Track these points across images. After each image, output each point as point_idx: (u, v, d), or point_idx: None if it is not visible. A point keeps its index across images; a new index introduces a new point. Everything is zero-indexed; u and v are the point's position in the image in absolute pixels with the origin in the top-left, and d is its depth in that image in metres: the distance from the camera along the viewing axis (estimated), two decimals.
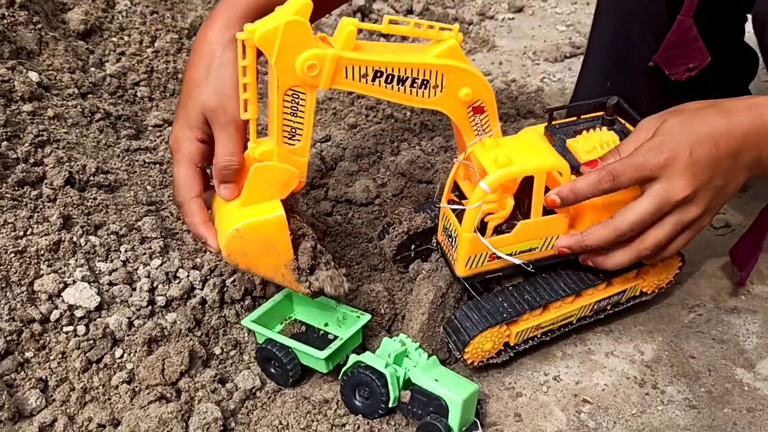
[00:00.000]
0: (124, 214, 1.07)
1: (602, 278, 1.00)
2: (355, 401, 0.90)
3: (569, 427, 0.93)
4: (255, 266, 0.88)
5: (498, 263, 0.95)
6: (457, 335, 0.95)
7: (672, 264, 1.06)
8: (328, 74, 0.82)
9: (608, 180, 0.88)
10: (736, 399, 0.97)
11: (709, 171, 0.88)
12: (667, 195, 0.88)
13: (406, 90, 0.87)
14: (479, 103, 0.90)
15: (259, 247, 0.86)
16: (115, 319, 0.94)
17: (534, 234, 0.93)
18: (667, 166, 0.87)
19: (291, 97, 0.83)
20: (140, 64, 1.42)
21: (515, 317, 0.95)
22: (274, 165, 0.86)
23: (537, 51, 1.97)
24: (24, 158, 1.04)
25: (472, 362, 0.96)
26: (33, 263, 0.94)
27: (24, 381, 0.87)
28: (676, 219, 0.91)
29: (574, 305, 1.00)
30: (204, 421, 0.86)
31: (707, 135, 0.88)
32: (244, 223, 0.85)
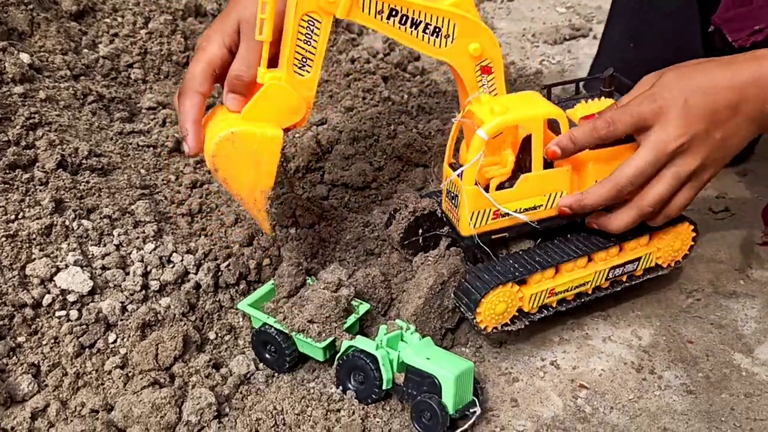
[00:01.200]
0: (118, 197, 1.06)
1: (613, 241, 0.99)
2: (350, 386, 0.90)
3: (566, 412, 0.92)
4: (233, 179, 0.86)
5: (503, 221, 0.94)
6: (468, 296, 0.94)
7: (685, 233, 1.04)
8: (345, 2, 0.83)
9: (604, 126, 0.89)
10: (734, 384, 0.97)
11: (705, 121, 0.87)
12: (663, 144, 0.88)
13: (418, 35, 0.88)
14: (487, 62, 0.91)
15: (245, 160, 0.85)
16: (108, 304, 0.93)
17: (537, 189, 0.93)
18: (662, 114, 0.87)
19: (307, 23, 0.84)
20: (134, 45, 1.40)
21: (526, 275, 0.95)
22: (288, 89, 0.85)
23: (536, 33, 1.95)
24: (15, 141, 1.03)
25: (485, 327, 0.95)
26: (25, 247, 0.92)
27: (16, 366, 0.86)
28: (673, 172, 0.90)
29: (587, 270, 0.99)
30: (198, 406, 0.85)
31: (704, 85, 0.87)
32: (242, 129, 0.84)
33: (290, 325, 0.91)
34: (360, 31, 1.76)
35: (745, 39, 1.01)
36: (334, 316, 0.91)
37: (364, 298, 0.99)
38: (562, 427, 0.90)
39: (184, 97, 0.89)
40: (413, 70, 1.64)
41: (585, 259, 0.99)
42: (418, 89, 1.55)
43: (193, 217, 1.11)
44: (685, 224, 1.04)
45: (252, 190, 0.87)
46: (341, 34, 1.69)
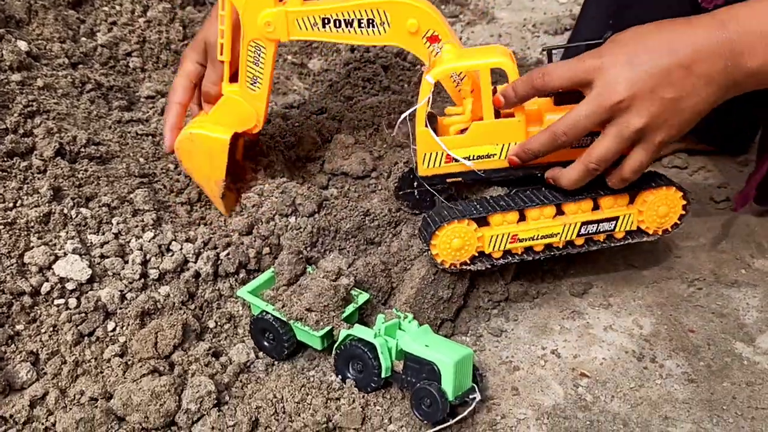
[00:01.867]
0: (116, 186, 1.05)
1: (584, 194, 0.98)
2: (348, 375, 0.89)
3: (567, 401, 0.92)
4: (194, 170, 1.05)
5: (455, 167, 0.98)
6: (426, 228, 0.98)
7: (672, 199, 1.00)
8: (282, 28, 0.98)
9: (539, 77, 0.89)
10: (736, 373, 0.96)
11: (654, 79, 0.85)
12: (600, 98, 0.86)
13: (356, 31, 0.97)
14: (431, 33, 0.96)
15: (200, 156, 1.02)
16: (107, 292, 0.92)
17: (489, 138, 0.95)
18: (603, 68, 0.86)
19: (254, 48, 1.01)
20: (132, 34, 1.39)
21: (484, 214, 0.96)
22: (241, 101, 1.05)
23: (537, 23, 1.94)
24: (13, 129, 1.02)
25: (442, 262, 0.97)
26: (23, 235, 0.92)
27: (14, 354, 0.86)
28: (616, 129, 0.88)
29: (555, 222, 0.98)
30: (198, 394, 0.85)
31: (656, 43, 0.85)
32: (197, 132, 1.02)
33: (288, 313, 0.91)
34: None
35: (709, 2, 1.03)
36: (333, 305, 0.91)
37: (364, 287, 0.99)
38: (563, 416, 0.90)
39: (167, 107, 1.10)
40: (413, 59, 1.63)
41: (553, 209, 0.98)
42: (418, 79, 1.54)
43: (192, 206, 1.11)
44: (672, 189, 0.99)
45: (208, 180, 1.04)
46: None
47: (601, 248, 1.03)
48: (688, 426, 0.89)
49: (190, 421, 0.84)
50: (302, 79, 1.52)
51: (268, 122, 1.35)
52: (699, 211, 1.27)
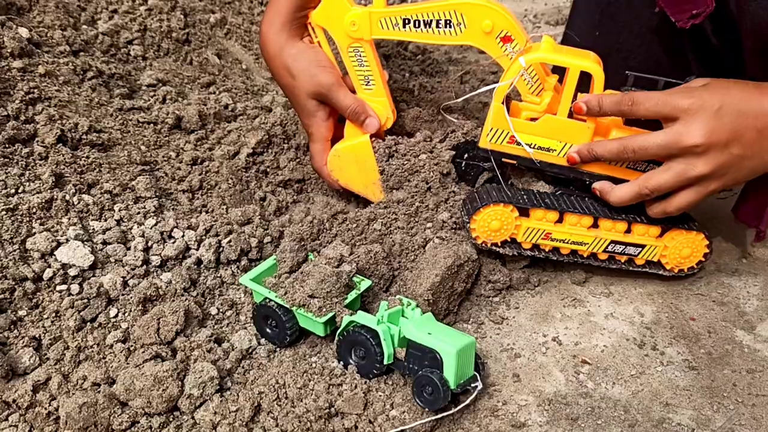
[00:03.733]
0: (118, 173, 1.05)
1: (623, 217, 1.02)
2: (351, 361, 0.90)
3: (568, 388, 0.92)
4: (351, 180, 1.12)
5: (514, 149, 1.02)
6: (471, 203, 1.03)
7: (698, 245, 1.04)
8: (365, 27, 1.03)
9: (627, 103, 0.94)
10: (736, 360, 0.97)
11: (729, 135, 0.90)
12: (679, 136, 0.91)
13: (434, 31, 1.02)
14: (505, 33, 1.00)
15: (351, 166, 1.11)
16: (110, 279, 0.93)
17: (556, 133, 1.00)
18: (690, 111, 0.91)
19: (353, 52, 1.07)
20: (133, 22, 1.38)
21: (528, 206, 1.01)
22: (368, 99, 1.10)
23: (538, 14, 1.94)
24: (15, 115, 1.02)
25: (477, 237, 1.02)
26: (25, 221, 0.92)
27: (17, 339, 0.86)
28: (681, 168, 0.93)
29: (588, 233, 1.02)
30: (200, 379, 0.85)
31: (739, 103, 0.90)
32: (340, 146, 1.11)
33: (291, 300, 0.91)
34: None
35: (685, 21, 1.07)
36: (335, 292, 0.91)
37: (365, 274, 0.99)
38: (564, 402, 0.90)
39: (320, 171, 1.16)
40: (414, 49, 1.62)
41: (590, 221, 1.02)
42: (420, 68, 1.54)
43: (194, 194, 1.11)
44: (701, 235, 1.04)
45: (366, 185, 1.12)
46: None
47: (619, 268, 1.07)
48: (688, 413, 0.89)
49: (193, 407, 0.84)
50: None
51: (270, 111, 1.35)
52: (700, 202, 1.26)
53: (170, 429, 0.83)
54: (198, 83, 1.38)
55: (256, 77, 1.51)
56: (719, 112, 0.90)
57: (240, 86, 1.43)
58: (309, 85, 1.08)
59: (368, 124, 1.09)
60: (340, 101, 1.08)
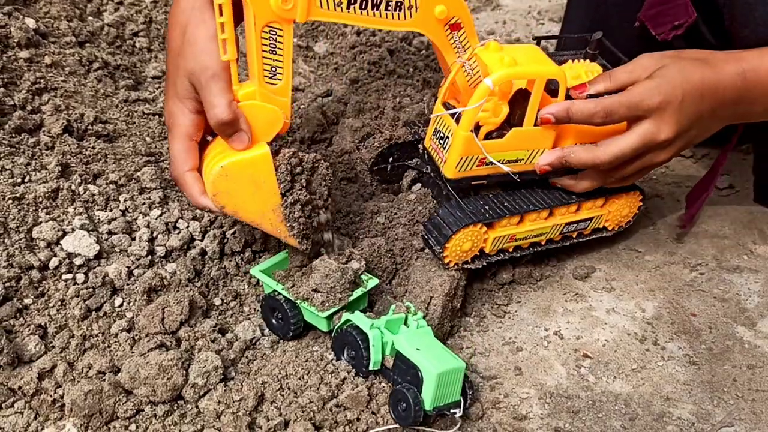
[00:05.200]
0: (123, 164, 1.06)
1: (575, 199, 1.03)
2: (343, 358, 0.90)
3: (569, 381, 0.93)
4: (242, 209, 0.86)
5: (486, 169, 0.97)
6: (438, 231, 0.97)
7: (634, 201, 1.09)
8: (303, 5, 0.82)
9: (601, 116, 0.92)
10: (737, 356, 0.97)
11: (690, 120, 0.93)
12: (652, 135, 0.93)
13: (382, 14, 0.88)
14: (455, 20, 0.93)
15: (245, 187, 0.85)
16: (115, 268, 0.93)
17: (523, 143, 0.97)
18: (660, 109, 0.91)
19: (269, 34, 0.83)
20: (139, 14, 1.39)
21: (495, 219, 0.98)
22: (258, 104, 0.85)
23: (542, 11, 1.94)
24: (21, 105, 1.03)
25: (449, 262, 0.98)
26: (31, 210, 0.92)
27: (23, 327, 0.86)
28: (648, 159, 0.96)
29: (546, 223, 1.03)
30: (204, 369, 0.86)
31: (697, 87, 0.92)
32: (229, 161, 0.84)
33: (296, 293, 0.91)
34: None
35: (668, 33, 1.09)
36: (339, 287, 0.91)
37: (369, 267, 0.99)
38: (566, 395, 0.91)
39: (180, 181, 0.88)
40: (418, 44, 1.63)
41: (547, 212, 1.02)
42: (424, 63, 1.55)
43: None
44: (636, 192, 1.09)
45: (263, 213, 0.88)
46: None
47: (570, 244, 1.09)
48: (688, 407, 0.90)
49: (197, 396, 0.85)
50: (308, 62, 1.52)
51: None
52: None
53: (174, 417, 0.83)
54: None
55: None
56: (683, 102, 0.91)
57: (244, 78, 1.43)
58: (192, 61, 0.84)
59: (234, 140, 0.84)
60: (212, 100, 0.83)
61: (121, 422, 0.82)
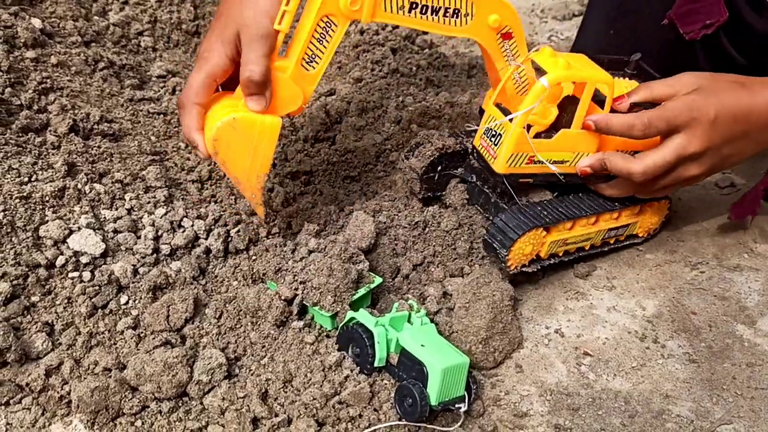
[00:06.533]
0: (129, 163, 1.07)
1: (617, 206, 1.07)
2: (347, 355, 0.90)
3: (570, 378, 0.94)
4: (232, 162, 0.91)
5: (534, 168, 1.01)
6: (503, 235, 0.99)
7: (663, 209, 1.13)
8: (369, 7, 0.88)
9: (641, 128, 0.96)
10: (736, 354, 0.98)
11: (723, 139, 0.96)
12: (683, 149, 0.96)
13: (440, 19, 0.94)
14: (507, 29, 0.98)
15: (244, 144, 0.89)
16: (120, 266, 0.94)
17: (570, 145, 1.01)
18: (692, 124, 0.95)
19: (324, 25, 0.89)
20: (144, 13, 1.40)
21: (555, 223, 1.01)
22: (289, 80, 0.90)
23: (545, 9, 1.95)
24: (28, 105, 1.04)
25: (510, 266, 1.01)
26: (38, 209, 0.94)
27: (30, 324, 0.88)
28: (679, 173, 0.99)
29: (593, 228, 1.06)
30: (209, 366, 0.87)
31: (730, 109, 0.95)
32: (244, 115, 0.88)
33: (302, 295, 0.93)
34: None
35: (697, 32, 1.09)
36: (343, 287, 0.92)
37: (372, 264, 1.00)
38: (566, 393, 0.92)
39: (184, 109, 0.92)
40: (421, 43, 1.63)
41: (594, 218, 1.06)
42: (427, 62, 1.55)
43: (203, 184, 1.12)
44: (666, 201, 1.14)
45: (249, 174, 0.92)
46: None
47: (609, 249, 1.13)
48: (688, 404, 0.91)
49: (202, 392, 0.86)
50: None
51: None
52: (703, 197, 1.28)
53: (179, 414, 0.84)
54: None
55: None
56: (715, 120, 0.95)
57: None
58: (247, 11, 0.88)
59: (254, 100, 0.88)
60: (251, 55, 0.87)
61: (126, 418, 0.84)
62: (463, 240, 1.08)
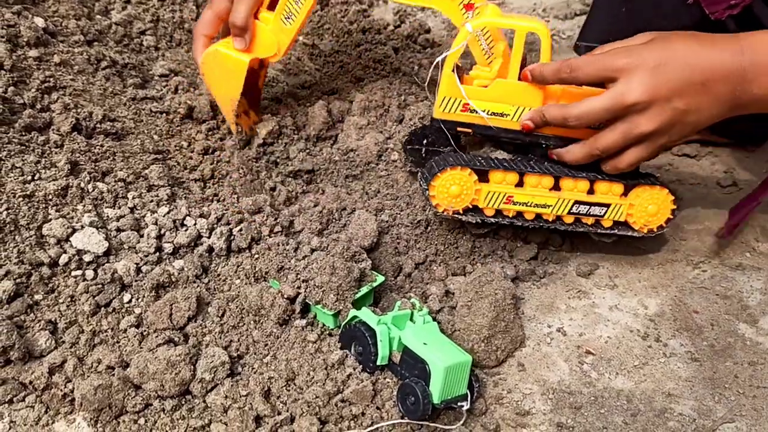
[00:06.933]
0: (131, 161, 1.07)
1: (583, 174, 1.02)
2: (349, 353, 0.91)
3: (572, 377, 0.94)
4: (213, 86, 1.15)
5: (469, 117, 1.02)
6: (428, 170, 1.02)
7: (662, 200, 1.04)
8: None
9: (566, 71, 0.94)
10: (738, 353, 0.98)
11: (671, 90, 0.90)
12: (621, 96, 0.91)
13: None
14: (468, 1, 1.03)
15: (221, 72, 1.12)
16: (123, 265, 0.94)
17: (508, 97, 0.99)
18: (629, 69, 0.91)
19: None
20: (146, 12, 1.40)
21: (486, 168, 1.00)
22: (266, 29, 1.11)
23: (547, 8, 1.95)
24: (31, 104, 1.04)
25: (437, 205, 1.02)
26: (41, 208, 0.94)
27: (33, 323, 0.88)
28: (626, 126, 0.94)
29: (551, 195, 1.02)
30: (212, 364, 0.87)
31: (682, 57, 0.90)
32: (218, 49, 1.11)
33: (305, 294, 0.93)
34: (371, 2, 1.76)
35: (722, 12, 1.05)
36: (345, 285, 0.92)
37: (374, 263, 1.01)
38: (568, 391, 0.92)
39: (196, 40, 1.15)
40: (423, 42, 1.64)
41: (551, 181, 1.02)
42: (429, 61, 1.55)
43: (206, 183, 1.13)
44: (664, 191, 1.03)
45: (225, 97, 1.14)
46: (353, 5, 1.69)
47: (587, 232, 1.07)
48: (690, 403, 0.91)
49: (205, 390, 0.86)
50: (313, 60, 1.53)
51: (279, 102, 1.36)
52: (705, 195, 1.28)
53: (182, 412, 0.85)
54: None
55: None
56: (658, 69, 0.90)
57: None
58: None
59: (237, 41, 1.10)
60: (237, 5, 1.08)
61: (130, 416, 0.84)
62: (465, 239, 1.08)
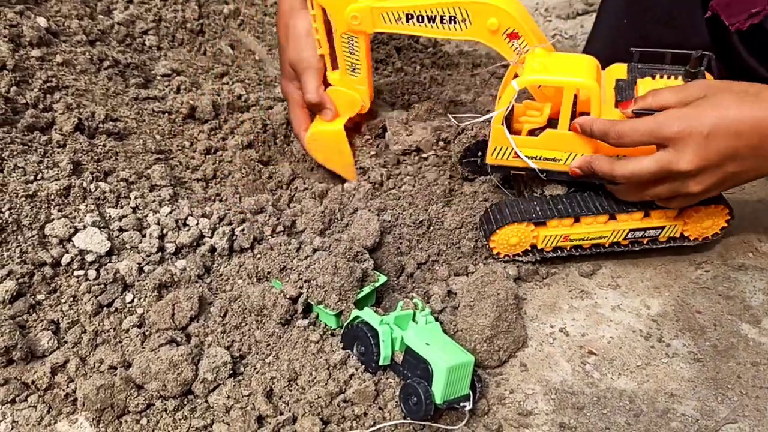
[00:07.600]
0: (134, 161, 1.07)
1: (638, 207, 1.04)
2: (352, 354, 0.91)
3: (574, 377, 0.94)
4: (329, 162, 1.21)
5: (520, 162, 1.04)
6: (487, 224, 1.06)
7: (718, 215, 1.06)
8: (367, 22, 1.06)
9: (613, 138, 0.94)
10: (741, 353, 0.98)
11: (724, 156, 0.90)
12: (669, 164, 0.92)
13: (438, 26, 1.03)
14: (511, 30, 1.01)
15: (326, 148, 1.20)
16: (126, 265, 0.94)
17: (558, 145, 1.01)
18: (680, 138, 0.90)
19: (347, 40, 1.10)
20: (148, 12, 1.40)
21: (543, 220, 1.03)
22: (341, 90, 1.16)
23: (549, 8, 1.94)
24: (33, 103, 1.04)
25: (498, 253, 1.07)
26: (44, 207, 0.94)
27: (36, 323, 0.88)
28: (674, 186, 0.95)
29: (607, 226, 1.05)
30: (214, 364, 0.87)
31: (732, 123, 0.88)
32: (313, 131, 1.19)
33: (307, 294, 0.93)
34: None
35: (743, 22, 1.05)
36: (348, 285, 0.92)
37: (377, 263, 1.00)
38: (571, 392, 0.92)
39: (299, 137, 1.24)
40: (426, 42, 1.64)
41: (606, 216, 1.04)
42: (431, 61, 1.55)
43: (208, 183, 1.13)
44: (720, 206, 1.05)
45: (342, 166, 1.21)
46: None
47: (643, 249, 1.09)
48: (693, 403, 0.91)
49: (207, 390, 0.86)
50: None
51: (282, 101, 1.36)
52: None
53: (185, 412, 0.85)
54: (212, 73, 1.39)
55: (269, 68, 1.53)
56: (710, 137, 0.88)
57: (253, 77, 1.45)
58: (293, 53, 1.15)
59: (322, 114, 1.18)
60: (305, 86, 1.15)
61: (132, 416, 0.84)
62: (467, 239, 1.08)
